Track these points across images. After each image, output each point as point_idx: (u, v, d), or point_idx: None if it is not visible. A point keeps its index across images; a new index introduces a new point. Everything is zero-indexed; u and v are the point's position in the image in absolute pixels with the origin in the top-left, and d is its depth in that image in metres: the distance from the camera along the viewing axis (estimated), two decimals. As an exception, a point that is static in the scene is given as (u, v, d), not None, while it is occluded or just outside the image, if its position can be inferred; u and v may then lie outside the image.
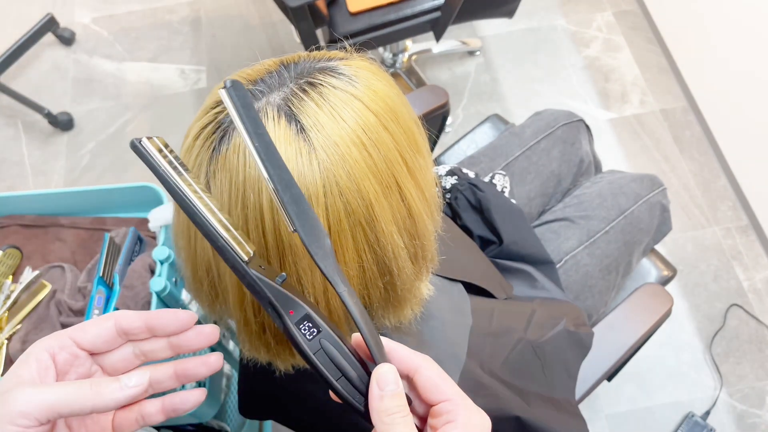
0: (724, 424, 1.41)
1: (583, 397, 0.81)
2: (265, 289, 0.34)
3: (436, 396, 0.34)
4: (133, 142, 0.32)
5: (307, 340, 0.34)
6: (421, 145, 0.45)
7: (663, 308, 0.87)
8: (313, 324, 0.34)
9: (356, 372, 0.34)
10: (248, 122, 0.33)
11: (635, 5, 2.08)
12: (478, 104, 1.92)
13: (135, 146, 0.32)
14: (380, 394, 0.33)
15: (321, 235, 0.34)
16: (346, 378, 0.34)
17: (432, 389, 0.34)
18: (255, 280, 0.33)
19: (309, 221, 0.34)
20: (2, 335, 0.86)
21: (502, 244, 0.90)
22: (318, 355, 0.34)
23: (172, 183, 0.32)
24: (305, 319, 0.34)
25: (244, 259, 0.33)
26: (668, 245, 1.63)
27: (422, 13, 1.44)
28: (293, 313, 0.34)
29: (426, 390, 0.34)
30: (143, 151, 0.32)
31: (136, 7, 2.21)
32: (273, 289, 0.34)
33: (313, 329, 0.34)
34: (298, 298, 0.34)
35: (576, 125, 1.08)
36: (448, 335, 0.59)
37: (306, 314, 0.34)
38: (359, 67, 0.44)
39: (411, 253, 0.45)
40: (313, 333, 0.34)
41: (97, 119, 1.96)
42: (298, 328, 0.34)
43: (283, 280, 0.35)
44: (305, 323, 0.34)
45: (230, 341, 1.12)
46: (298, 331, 0.34)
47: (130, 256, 0.90)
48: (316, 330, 0.34)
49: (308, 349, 0.34)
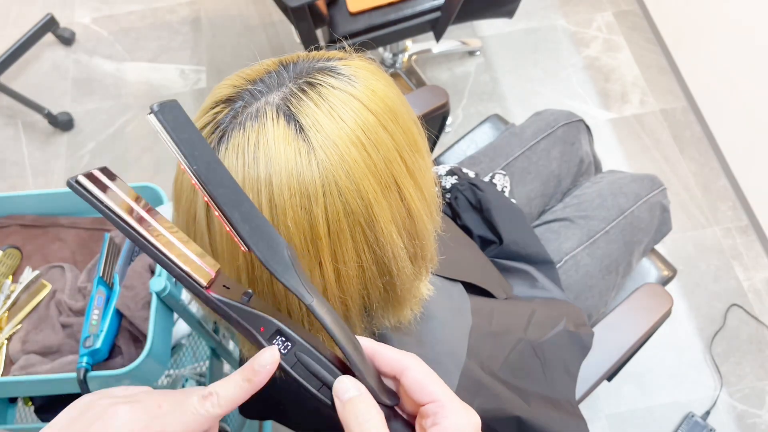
0: (724, 424, 1.41)
1: (583, 397, 0.81)
2: (230, 312, 0.33)
3: (422, 397, 0.34)
4: (69, 181, 0.30)
5: (282, 355, 0.33)
6: (420, 145, 0.45)
7: (663, 308, 0.87)
8: (287, 337, 0.34)
9: (335, 378, 0.34)
10: (183, 145, 0.32)
11: (635, 5, 2.08)
12: (478, 104, 1.92)
13: (71, 185, 0.30)
14: (341, 405, 0.32)
15: (279, 248, 0.33)
16: (327, 386, 0.34)
17: (418, 390, 0.34)
18: (217, 304, 0.33)
19: (264, 236, 0.33)
20: (2, 335, 0.86)
21: (502, 244, 0.90)
22: (295, 367, 0.33)
23: (116, 219, 0.30)
24: (277, 333, 0.34)
25: (203, 285, 0.32)
26: (668, 245, 1.63)
27: (422, 13, 1.44)
28: (264, 330, 0.33)
29: (413, 391, 0.34)
30: (80, 189, 0.30)
31: (136, 7, 2.21)
32: (238, 309, 0.33)
33: (287, 342, 0.34)
34: (266, 314, 0.34)
35: (576, 125, 1.08)
36: (447, 335, 0.59)
37: (277, 329, 0.34)
38: (358, 67, 0.44)
39: (410, 253, 0.45)
40: (287, 346, 0.34)
41: (97, 119, 1.96)
42: (271, 343, 0.33)
43: (249, 298, 0.34)
44: (278, 338, 0.34)
45: (230, 341, 1.12)
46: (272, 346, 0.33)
47: (130, 256, 0.90)
48: (290, 343, 0.34)
49: (285, 363, 0.33)
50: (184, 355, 1.05)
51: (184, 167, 0.32)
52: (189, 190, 0.42)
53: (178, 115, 0.32)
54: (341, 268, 0.41)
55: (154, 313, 0.78)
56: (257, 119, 0.39)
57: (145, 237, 0.31)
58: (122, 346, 0.83)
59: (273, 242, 0.33)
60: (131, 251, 0.91)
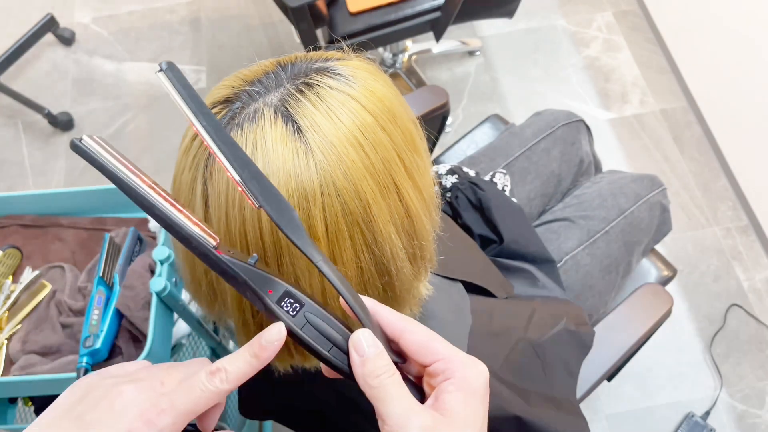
0: (724, 424, 1.41)
1: (583, 397, 0.81)
2: (240, 272, 0.33)
3: (427, 357, 0.34)
4: (74, 141, 0.30)
5: (291, 317, 0.33)
6: (418, 145, 0.45)
7: (663, 308, 0.87)
8: (295, 299, 0.33)
9: (346, 339, 0.33)
10: (192, 102, 0.32)
11: (635, 5, 2.08)
12: (478, 104, 1.92)
13: (76, 146, 0.30)
14: (360, 360, 0.32)
15: (288, 209, 0.33)
16: (337, 347, 0.33)
17: (421, 351, 0.34)
18: (228, 264, 0.32)
19: (273, 197, 0.33)
20: (2, 335, 0.86)
21: (502, 243, 0.90)
22: (305, 329, 0.33)
23: (124, 179, 0.30)
24: (286, 295, 0.33)
25: (213, 245, 0.32)
26: (668, 245, 1.63)
27: (422, 13, 1.44)
28: (272, 292, 0.33)
29: (414, 352, 0.34)
30: (87, 150, 0.30)
31: (136, 7, 2.21)
32: (247, 270, 0.33)
33: (296, 304, 0.33)
34: (274, 276, 0.33)
35: (576, 125, 1.08)
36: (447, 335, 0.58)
37: (286, 291, 0.33)
38: (356, 67, 0.44)
39: (409, 254, 0.45)
40: (296, 308, 0.33)
41: (97, 119, 1.96)
42: (280, 305, 0.33)
43: (255, 261, 0.34)
44: (286, 300, 0.33)
45: (230, 341, 1.12)
46: (280, 308, 0.33)
47: (130, 256, 0.90)
48: (298, 305, 0.33)
49: (294, 325, 0.33)
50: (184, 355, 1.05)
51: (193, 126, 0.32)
52: (187, 192, 0.42)
53: (181, 77, 0.33)
54: (340, 269, 0.41)
55: (154, 313, 0.78)
56: (255, 120, 0.39)
57: (153, 197, 0.31)
58: (122, 346, 0.83)
59: (282, 204, 0.33)
60: (131, 251, 0.91)
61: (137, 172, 0.31)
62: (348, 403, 0.57)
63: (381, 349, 0.33)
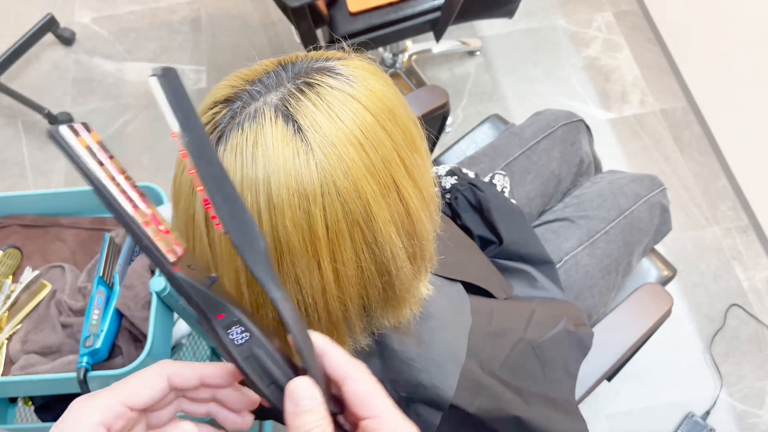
0: (724, 424, 1.41)
1: (583, 397, 0.81)
2: (192, 293, 0.32)
3: (363, 411, 0.32)
4: (50, 131, 0.29)
5: (236, 345, 0.33)
6: (419, 144, 0.45)
7: (663, 308, 0.87)
8: (245, 328, 0.33)
9: (288, 379, 0.33)
10: (180, 113, 0.31)
11: (635, 5, 2.08)
12: (478, 104, 1.92)
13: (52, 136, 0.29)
14: (294, 411, 0.31)
15: (255, 238, 0.33)
16: (276, 385, 0.33)
17: (358, 404, 0.32)
18: (181, 282, 0.32)
19: (243, 223, 0.33)
20: (2, 335, 0.86)
21: (502, 244, 0.90)
22: (248, 360, 0.33)
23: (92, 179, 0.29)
24: (235, 323, 0.33)
25: (170, 261, 0.32)
26: (668, 245, 1.63)
27: (422, 13, 1.44)
28: (223, 317, 0.33)
29: (352, 403, 0.33)
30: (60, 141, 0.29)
31: (136, 7, 2.21)
32: (200, 292, 0.32)
33: (245, 334, 0.33)
34: (228, 302, 0.33)
35: (576, 125, 1.08)
36: (447, 335, 0.59)
37: (236, 319, 0.33)
38: (357, 67, 0.44)
39: (409, 253, 0.45)
40: (244, 338, 0.33)
41: (97, 119, 1.96)
42: (227, 332, 0.33)
43: (213, 282, 0.33)
44: (235, 328, 0.33)
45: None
46: (226, 335, 0.33)
47: (130, 256, 0.90)
48: (247, 335, 0.33)
49: (237, 354, 0.33)
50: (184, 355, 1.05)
51: (176, 135, 0.31)
52: (188, 191, 0.42)
53: (178, 85, 0.32)
54: (340, 268, 0.41)
55: (154, 313, 0.78)
56: (255, 120, 0.39)
57: (117, 201, 0.30)
58: (122, 346, 0.83)
59: (250, 231, 0.33)
60: (131, 251, 0.91)
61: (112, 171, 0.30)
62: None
63: (317, 402, 0.31)
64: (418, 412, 0.56)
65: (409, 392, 0.55)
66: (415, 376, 0.54)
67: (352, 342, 0.49)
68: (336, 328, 0.45)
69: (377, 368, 0.55)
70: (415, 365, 0.54)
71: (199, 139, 0.32)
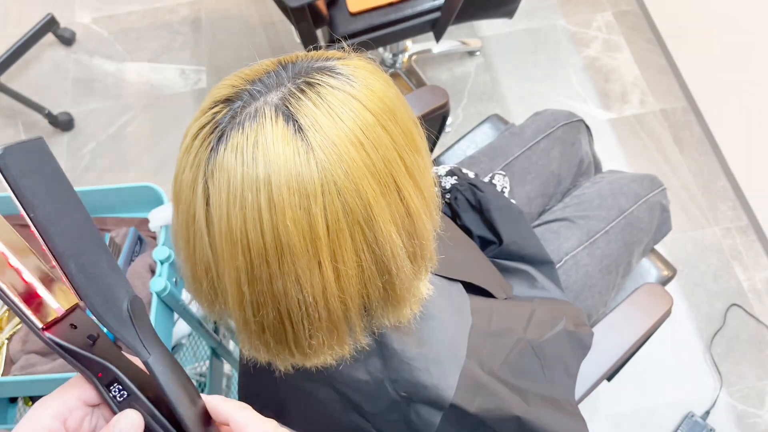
0: (724, 424, 1.41)
1: (583, 397, 0.81)
2: (65, 355, 0.33)
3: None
4: None
5: (117, 402, 0.33)
6: (419, 144, 0.45)
7: (663, 308, 0.87)
8: (123, 387, 0.33)
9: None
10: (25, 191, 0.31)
11: (635, 5, 2.08)
12: (478, 104, 1.92)
13: None
14: None
15: (117, 302, 0.33)
16: None
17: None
18: (53, 346, 0.32)
19: (102, 289, 0.33)
20: (2, 335, 0.86)
21: (501, 244, 0.90)
22: None
23: None
24: (114, 381, 0.33)
25: (39, 327, 0.32)
26: (668, 245, 1.63)
27: (422, 14, 1.44)
28: (101, 375, 0.33)
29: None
30: None
31: (137, 7, 2.21)
32: (74, 353, 0.33)
33: (123, 392, 0.33)
34: (107, 360, 0.33)
35: (576, 125, 1.08)
36: (447, 335, 0.59)
37: (114, 377, 0.33)
38: (357, 66, 0.44)
39: (410, 253, 0.45)
40: (123, 395, 0.33)
41: (98, 119, 1.96)
42: (108, 390, 0.33)
43: (94, 341, 0.34)
44: (115, 386, 0.33)
45: (230, 341, 1.12)
46: (107, 392, 0.33)
47: (130, 256, 0.90)
48: (126, 393, 0.33)
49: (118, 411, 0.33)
50: (184, 355, 1.05)
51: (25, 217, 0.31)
52: (188, 191, 0.42)
53: (32, 157, 0.31)
54: (340, 268, 0.41)
55: (154, 313, 0.78)
56: (256, 119, 0.39)
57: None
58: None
59: (111, 295, 0.33)
60: (131, 251, 0.91)
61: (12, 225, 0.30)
62: (348, 403, 0.57)
63: None
64: (418, 411, 0.56)
65: (409, 392, 0.55)
66: (415, 375, 0.54)
67: (353, 341, 0.49)
68: (336, 328, 0.45)
69: (377, 368, 0.55)
70: (415, 365, 0.54)
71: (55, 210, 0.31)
